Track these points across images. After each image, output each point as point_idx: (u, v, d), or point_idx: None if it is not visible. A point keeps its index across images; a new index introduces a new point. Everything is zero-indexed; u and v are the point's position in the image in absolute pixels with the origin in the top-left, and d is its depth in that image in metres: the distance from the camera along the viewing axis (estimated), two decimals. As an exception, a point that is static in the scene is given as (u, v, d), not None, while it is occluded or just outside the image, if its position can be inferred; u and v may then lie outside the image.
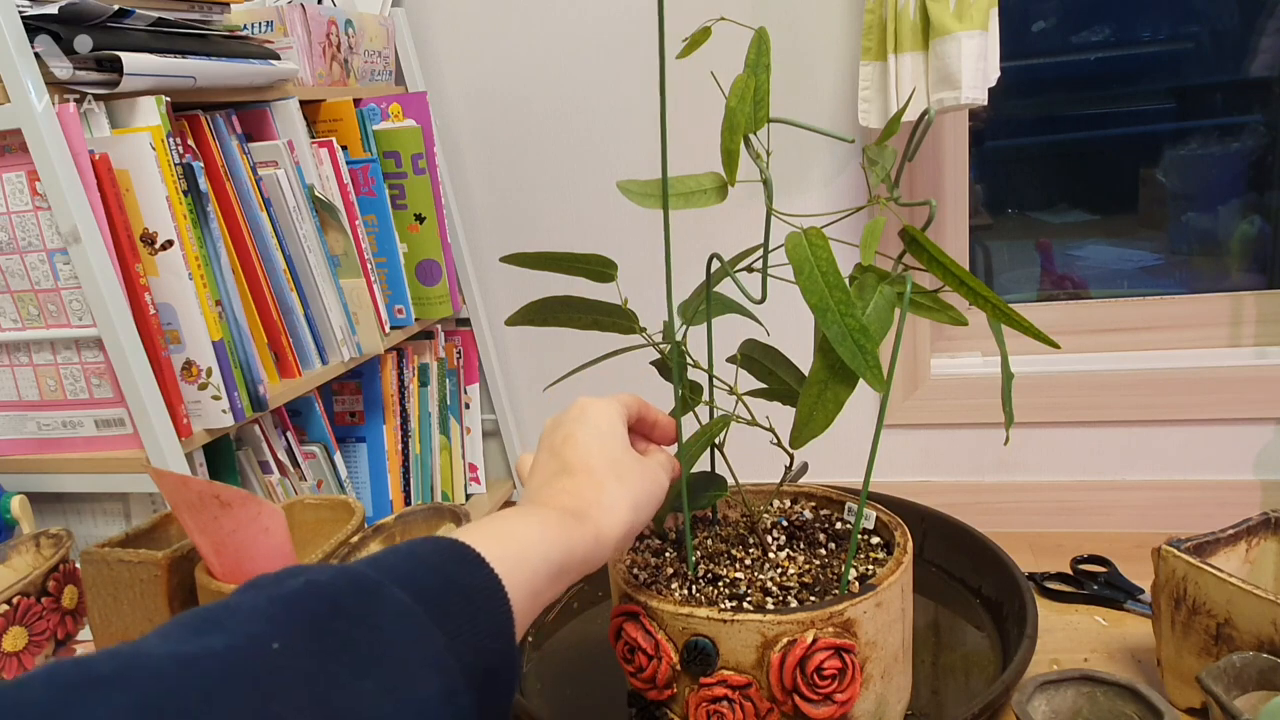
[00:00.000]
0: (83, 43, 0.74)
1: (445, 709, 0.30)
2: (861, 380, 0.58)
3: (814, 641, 0.62)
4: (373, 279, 1.06)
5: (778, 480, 0.80)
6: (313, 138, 1.04)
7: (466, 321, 1.30)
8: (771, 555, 0.75)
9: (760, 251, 0.67)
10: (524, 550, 0.39)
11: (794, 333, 0.79)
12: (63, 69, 0.74)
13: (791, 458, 0.72)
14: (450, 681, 0.30)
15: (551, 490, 0.48)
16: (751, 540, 0.78)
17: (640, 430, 0.58)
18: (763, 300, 0.66)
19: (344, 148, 1.06)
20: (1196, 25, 1.20)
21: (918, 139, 0.60)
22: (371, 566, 0.32)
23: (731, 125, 0.60)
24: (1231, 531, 0.78)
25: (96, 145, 0.77)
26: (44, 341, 0.80)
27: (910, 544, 0.71)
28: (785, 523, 0.80)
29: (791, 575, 0.71)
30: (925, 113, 0.58)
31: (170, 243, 0.79)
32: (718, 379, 0.73)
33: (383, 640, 0.29)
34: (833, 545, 0.76)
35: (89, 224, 0.74)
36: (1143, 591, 0.95)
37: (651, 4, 1.10)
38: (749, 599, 0.68)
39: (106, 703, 0.21)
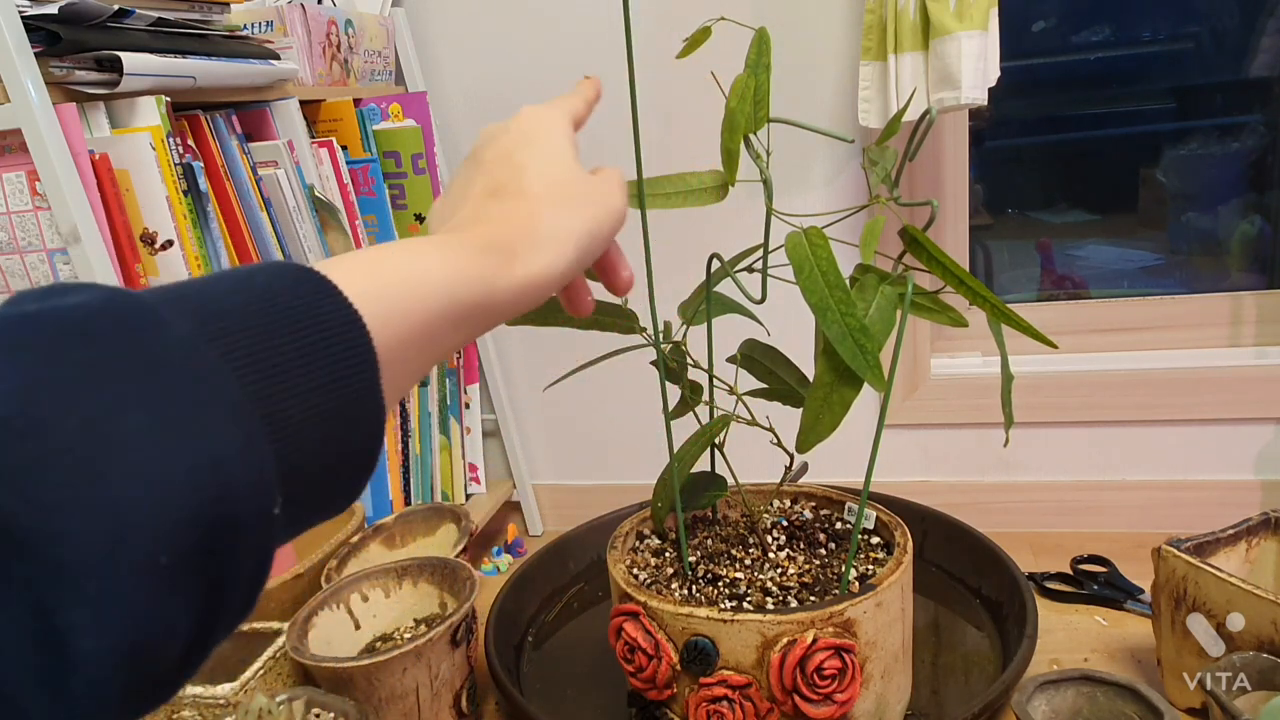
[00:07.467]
0: (83, 43, 0.74)
1: (239, 460, 0.25)
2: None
3: (814, 641, 0.62)
4: (373, 279, 1.06)
5: (778, 480, 0.80)
6: (313, 138, 1.04)
7: (466, 321, 1.30)
8: (771, 555, 0.75)
9: (760, 251, 0.67)
10: (411, 283, 0.32)
11: (794, 333, 0.79)
12: (62, 69, 0.74)
13: (791, 458, 0.72)
14: (243, 429, 0.25)
15: (473, 214, 0.40)
16: (751, 540, 0.78)
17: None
18: (763, 300, 0.66)
19: (344, 148, 1.06)
20: (1196, 25, 1.20)
21: (919, 139, 0.60)
22: (168, 289, 0.27)
23: (731, 125, 0.60)
24: (1231, 531, 0.78)
25: (96, 145, 0.77)
26: (44, 341, 0.80)
27: (910, 544, 0.71)
28: (785, 523, 0.80)
29: (791, 575, 0.71)
30: (927, 112, 0.58)
31: (170, 243, 0.79)
32: (718, 379, 0.73)
33: (142, 372, 0.24)
34: (833, 545, 0.76)
35: (89, 224, 0.74)
36: (1143, 591, 0.95)
37: (654, 5, 1.10)
38: (749, 599, 0.68)
39: None
